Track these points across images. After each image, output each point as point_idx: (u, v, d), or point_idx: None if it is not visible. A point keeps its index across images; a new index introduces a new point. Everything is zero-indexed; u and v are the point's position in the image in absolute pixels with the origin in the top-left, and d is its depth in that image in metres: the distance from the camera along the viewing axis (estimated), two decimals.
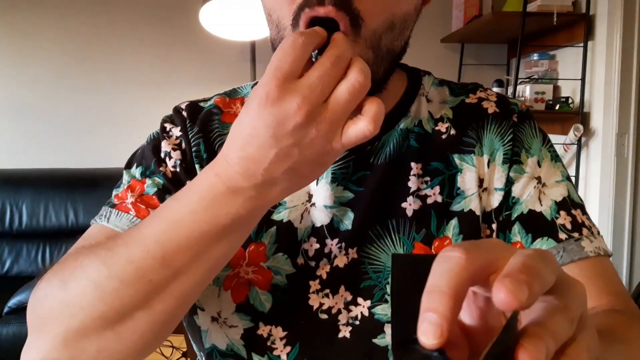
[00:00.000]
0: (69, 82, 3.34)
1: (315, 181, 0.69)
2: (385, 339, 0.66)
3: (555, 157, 0.73)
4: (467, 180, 0.69)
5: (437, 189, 0.69)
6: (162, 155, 0.72)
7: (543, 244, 0.66)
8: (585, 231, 0.67)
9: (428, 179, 0.69)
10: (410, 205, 0.68)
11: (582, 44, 2.47)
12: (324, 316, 0.67)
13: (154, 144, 0.74)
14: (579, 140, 2.42)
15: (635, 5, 2.34)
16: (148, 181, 0.69)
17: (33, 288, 0.60)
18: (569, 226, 0.67)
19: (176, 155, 0.71)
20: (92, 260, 0.54)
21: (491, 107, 0.72)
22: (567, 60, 2.69)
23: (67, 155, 3.34)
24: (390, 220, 0.68)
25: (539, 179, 0.69)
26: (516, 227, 0.68)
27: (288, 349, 0.67)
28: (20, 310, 2.38)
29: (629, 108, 2.32)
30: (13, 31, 3.31)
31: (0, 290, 2.60)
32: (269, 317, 0.67)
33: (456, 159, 0.70)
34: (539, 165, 0.70)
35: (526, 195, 0.68)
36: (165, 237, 0.51)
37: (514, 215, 0.68)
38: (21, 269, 2.98)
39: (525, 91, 2.67)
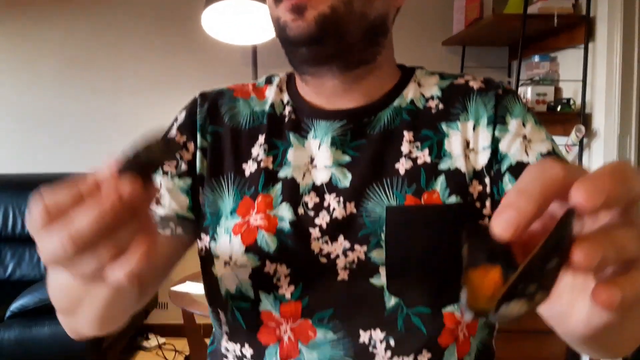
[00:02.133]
0: (72, 87, 3.35)
1: (317, 145, 0.79)
2: (380, 280, 0.74)
3: (539, 123, 0.78)
4: (452, 143, 0.77)
5: (427, 151, 0.77)
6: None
7: None
8: None
9: (419, 143, 0.77)
10: (402, 166, 0.76)
11: (582, 46, 2.47)
12: (324, 260, 0.75)
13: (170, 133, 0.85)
14: (581, 141, 2.42)
15: (635, 7, 2.34)
16: None
17: (35, 292, 0.80)
18: None
19: (173, 133, 0.83)
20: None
21: (477, 84, 0.80)
22: (568, 62, 2.69)
23: (70, 160, 3.35)
24: (385, 179, 0.76)
25: (524, 136, 0.75)
26: (506, 177, 0.74)
27: (292, 288, 0.75)
28: (23, 314, 2.38)
29: (631, 109, 2.32)
30: (16, 37, 3.33)
31: (3, 294, 2.60)
32: (275, 256, 0.75)
33: (444, 126, 0.78)
34: (524, 126, 0.76)
35: (513, 150, 0.74)
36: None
37: (504, 168, 0.74)
38: (24, 273, 2.99)
39: (527, 93, 2.67)
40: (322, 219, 0.75)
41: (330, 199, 0.76)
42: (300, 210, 0.76)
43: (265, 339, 0.77)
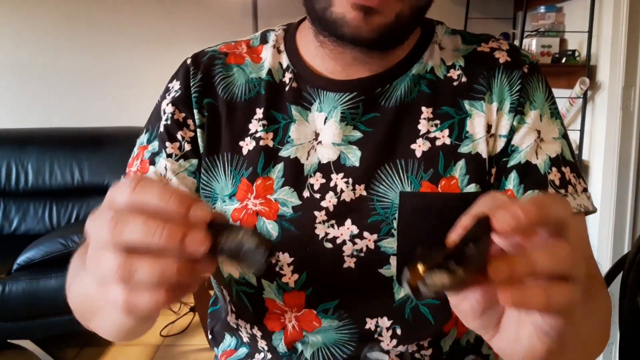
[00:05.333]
0: (71, 40, 3.31)
1: (322, 120, 0.73)
2: (390, 270, 0.70)
3: (556, 114, 0.75)
4: (475, 124, 0.72)
5: (447, 132, 0.71)
6: (161, 114, 0.77)
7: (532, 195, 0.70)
8: (570, 188, 0.71)
9: (438, 122, 0.72)
10: (419, 147, 0.71)
11: None
12: (329, 245, 0.71)
13: (156, 107, 0.79)
14: (585, 93, 2.40)
15: None
16: (149, 147, 0.76)
17: (40, 245, 0.75)
18: (557, 182, 0.71)
19: (170, 109, 0.76)
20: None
21: (502, 57, 0.74)
22: (574, 12, 2.64)
23: (70, 114, 3.34)
24: (400, 160, 0.71)
25: (539, 132, 0.72)
26: (512, 175, 0.71)
27: (295, 276, 0.72)
28: (29, 267, 2.41)
29: (636, 60, 2.29)
30: None
31: (9, 248, 2.63)
32: (276, 245, 0.71)
33: (466, 104, 0.72)
34: (541, 119, 0.73)
35: (525, 146, 0.71)
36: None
37: (512, 163, 0.71)
38: (29, 227, 3.02)
39: (532, 45, 2.63)
40: (329, 201, 0.71)
41: (338, 179, 0.71)
42: (306, 194, 0.71)
43: (271, 326, 0.75)
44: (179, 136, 0.75)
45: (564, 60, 2.52)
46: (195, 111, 0.75)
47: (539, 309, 0.38)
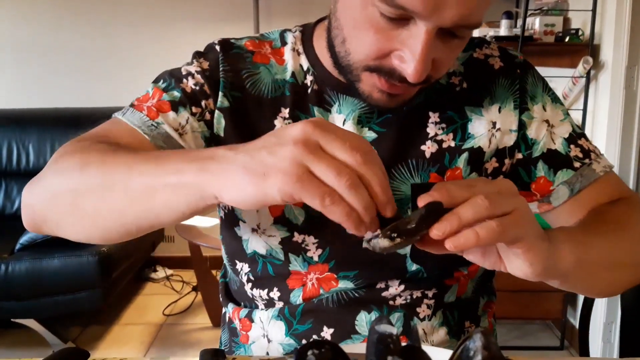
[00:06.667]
0: (72, 19, 3.29)
1: (341, 121, 0.79)
2: (404, 249, 0.79)
3: (554, 98, 0.86)
4: (476, 126, 0.81)
5: (451, 135, 0.80)
6: (185, 74, 0.80)
7: (563, 174, 0.82)
8: (592, 155, 0.84)
9: (444, 125, 0.80)
10: (428, 149, 0.79)
11: None
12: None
13: (184, 68, 0.81)
14: (588, 73, 2.39)
15: None
16: (167, 93, 0.79)
17: None
18: (580, 155, 0.83)
19: (199, 78, 0.79)
20: (94, 155, 0.65)
21: (497, 63, 0.84)
22: None
23: (71, 94, 3.33)
24: (411, 160, 0.79)
25: (547, 121, 0.83)
26: (540, 164, 0.83)
27: (319, 251, 0.80)
28: (32, 247, 2.42)
29: None
30: None
31: (12, 228, 2.63)
32: (303, 227, 0.79)
33: (467, 110, 0.81)
34: (544, 109, 0.84)
35: (542, 137, 0.83)
36: (140, 167, 0.60)
37: (536, 154, 0.83)
38: None
39: (535, 23, 2.61)
40: None
41: None
42: None
43: (292, 284, 0.82)
44: (202, 104, 0.79)
45: (567, 39, 2.50)
46: (220, 94, 0.79)
47: (475, 245, 0.53)
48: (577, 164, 0.82)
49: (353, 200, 0.50)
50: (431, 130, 0.80)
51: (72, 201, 0.65)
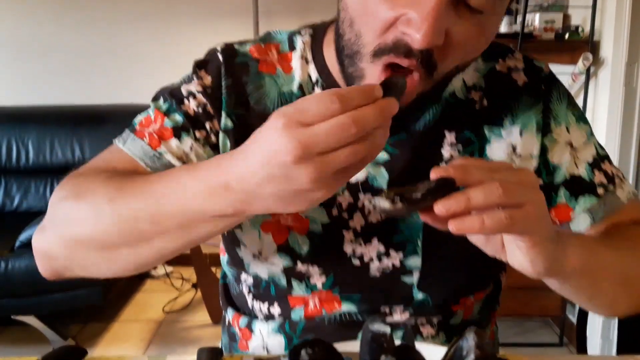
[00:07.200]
0: (72, 17, 3.29)
1: None
2: (411, 279, 0.76)
3: (578, 116, 0.80)
4: (494, 149, 0.76)
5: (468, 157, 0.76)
6: (186, 94, 0.75)
7: (585, 201, 0.77)
8: (617, 180, 0.78)
9: (460, 147, 0.76)
10: None
11: None
12: (357, 262, 0.75)
13: (184, 84, 0.76)
14: (588, 70, 2.38)
15: None
16: (169, 117, 0.74)
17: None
18: (604, 181, 0.77)
19: (200, 98, 0.75)
20: (103, 193, 0.63)
21: (520, 78, 0.78)
22: None
23: (70, 92, 3.32)
24: None
25: (570, 144, 0.78)
26: (561, 191, 0.77)
27: (323, 278, 0.77)
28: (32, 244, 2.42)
29: None
30: None
31: (11, 225, 2.64)
32: (307, 258, 0.75)
33: (486, 130, 0.76)
34: (568, 131, 0.78)
35: (564, 161, 0.78)
36: (164, 201, 0.59)
37: (558, 181, 0.78)
38: (30, 205, 3.03)
39: (535, 20, 2.61)
40: (357, 222, 0.74)
41: (365, 200, 0.74)
42: (334, 212, 0.74)
43: (293, 303, 0.79)
44: (207, 127, 0.75)
45: (567, 35, 2.49)
46: (223, 114, 0.75)
47: (479, 232, 0.51)
48: (600, 191, 0.77)
49: (365, 145, 0.50)
50: (446, 152, 0.75)
51: (102, 246, 0.64)
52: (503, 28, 2.58)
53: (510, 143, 0.76)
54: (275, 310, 0.81)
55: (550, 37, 2.56)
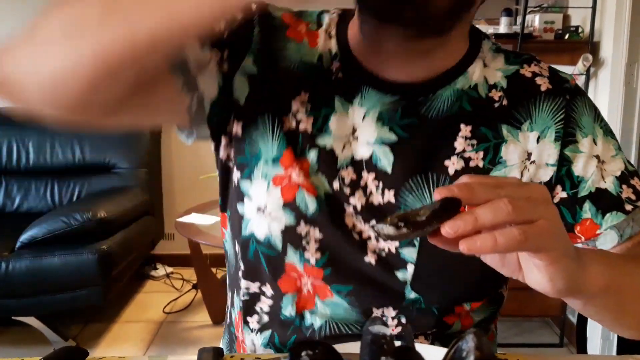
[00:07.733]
0: None
1: (362, 115, 0.73)
2: (405, 275, 0.73)
3: (606, 131, 0.76)
4: (510, 151, 0.73)
5: (481, 154, 0.73)
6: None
7: (613, 218, 0.72)
8: None
9: (475, 142, 0.73)
10: (453, 165, 0.72)
11: None
12: (356, 236, 0.73)
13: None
14: (588, 70, 2.38)
15: None
16: None
17: (43, 223, 0.65)
18: (632, 197, 0.73)
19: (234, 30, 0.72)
20: None
21: (544, 84, 0.75)
22: None
23: None
24: (432, 174, 0.72)
25: (597, 157, 0.74)
26: (586, 205, 0.73)
27: (318, 254, 0.74)
28: (32, 245, 2.43)
29: None
30: None
31: (12, 225, 2.65)
32: (311, 218, 0.73)
33: (504, 129, 0.74)
34: (595, 143, 0.74)
35: (590, 174, 0.73)
36: None
37: (582, 194, 0.73)
38: (31, 205, 3.03)
39: (535, 21, 2.61)
40: (358, 200, 0.73)
41: (369, 179, 0.73)
42: (336, 185, 0.73)
43: (285, 287, 0.77)
44: (225, 54, 0.72)
45: (567, 36, 2.50)
46: (251, 57, 0.74)
47: (492, 251, 0.48)
48: (628, 207, 0.72)
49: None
50: (459, 144, 0.73)
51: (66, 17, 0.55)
52: (503, 29, 2.58)
53: (525, 149, 0.74)
54: (268, 291, 0.78)
55: (550, 38, 2.56)
